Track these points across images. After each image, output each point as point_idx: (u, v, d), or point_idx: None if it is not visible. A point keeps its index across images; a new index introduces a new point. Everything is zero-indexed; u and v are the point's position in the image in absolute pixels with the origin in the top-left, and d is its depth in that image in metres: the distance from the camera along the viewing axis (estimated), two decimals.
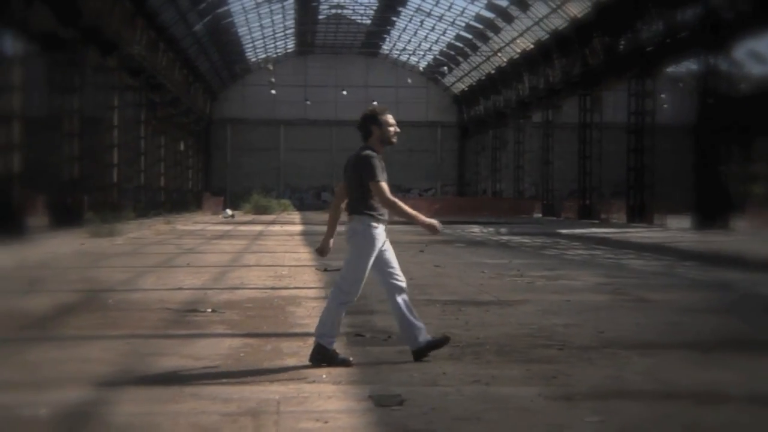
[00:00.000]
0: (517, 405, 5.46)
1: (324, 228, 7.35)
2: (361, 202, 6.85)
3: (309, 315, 9.43)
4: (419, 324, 6.94)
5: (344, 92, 73.13)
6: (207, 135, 73.22)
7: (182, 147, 58.79)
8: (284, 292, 11.59)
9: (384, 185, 6.79)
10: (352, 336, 8.14)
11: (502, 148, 65.31)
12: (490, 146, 68.28)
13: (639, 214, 41.24)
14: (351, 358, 6.83)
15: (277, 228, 34.04)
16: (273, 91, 69.87)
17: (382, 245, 6.90)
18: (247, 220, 44.81)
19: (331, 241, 7.25)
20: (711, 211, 35.11)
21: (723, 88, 36.37)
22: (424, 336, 6.93)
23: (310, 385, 6.02)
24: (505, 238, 28.96)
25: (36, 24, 32.13)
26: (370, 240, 6.82)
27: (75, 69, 32.83)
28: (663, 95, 57.13)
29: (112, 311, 9.75)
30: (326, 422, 5.04)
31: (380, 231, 6.89)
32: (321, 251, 7.19)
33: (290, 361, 6.85)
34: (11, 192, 25.42)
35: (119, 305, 10.26)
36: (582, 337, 8.14)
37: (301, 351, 7.16)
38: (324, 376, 6.29)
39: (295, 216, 51.70)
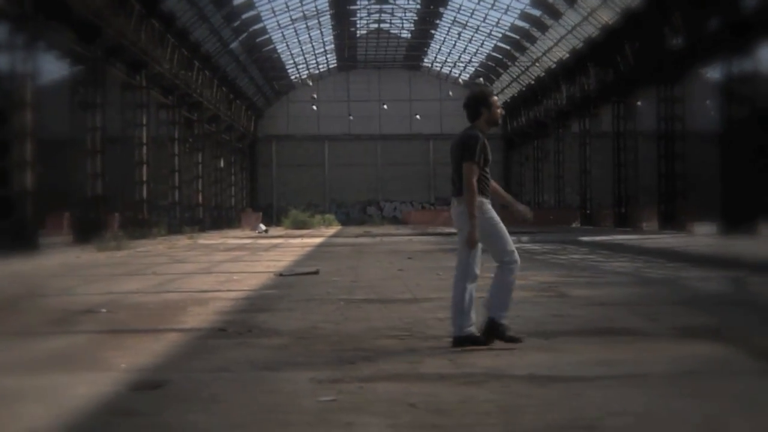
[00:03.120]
0: (276, 388, 5.40)
1: (349, 240, 7.38)
2: None
3: (199, 313, 9.46)
4: (472, 317, 6.85)
5: (385, 106, 73.33)
6: (252, 152, 73.89)
7: (222, 164, 59.36)
8: (208, 295, 11.62)
9: (475, 168, 6.75)
10: (216, 330, 8.12)
11: (545, 158, 64.88)
12: (533, 157, 67.91)
13: (670, 221, 40.66)
14: (522, 336, 6.88)
15: (297, 241, 34.14)
16: (314, 107, 70.37)
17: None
18: (279, 234, 45.02)
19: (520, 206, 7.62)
20: (737, 216, 34.55)
21: (749, 92, 35.76)
22: (472, 330, 6.83)
23: (92, 374, 6.02)
24: (517, 245, 28.67)
25: (56, 44, 32.92)
26: (488, 211, 6.84)
27: (97, 87, 33.33)
28: (708, 101, 56.28)
29: (11, 313, 9.88)
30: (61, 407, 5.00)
31: (488, 203, 6.91)
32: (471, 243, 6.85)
33: (109, 354, 6.85)
34: (25, 209, 25.94)
35: (26, 307, 10.42)
36: (444, 328, 8.01)
37: (137, 345, 7.23)
38: (123, 365, 6.28)
39: (331, 230, 51.83)
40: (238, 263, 19.62)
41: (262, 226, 48.74)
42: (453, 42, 67.31)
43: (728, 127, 35.73)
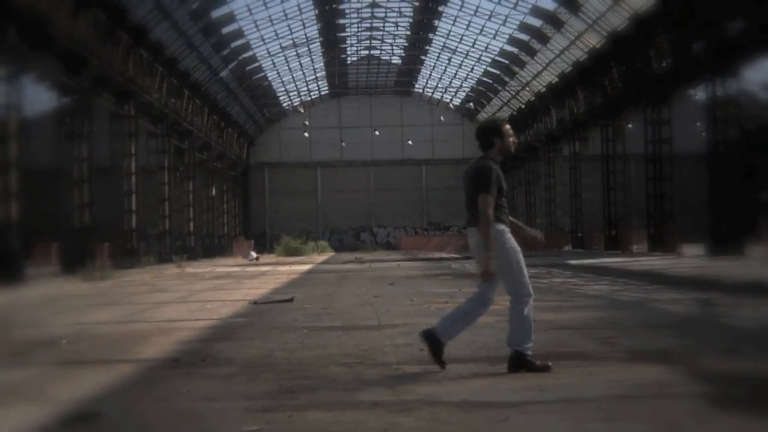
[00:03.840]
0: (206, 418, 5.42)
1: (337, 266, 7.48)
2: None
3: (159, 343, 9.47)
4: (458, 332, 7.14)
5: (376, 132, 73.52)
6: (245, 179, 73.97)
7: (213, 192, 59.42)
8: (174, 325, 11.63)
9: (490, 200, 6.78)
10: (169, 360, 8.14)
11: (536, 182, 65.00)
12: (524, 181, 68.05)
13: (659, 243, 40.70)
14: (550, 363, 6.86)
15: (285, 268, 34.13)
16: (306, 134, 70.59)
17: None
18: (270, 261, 44.98)
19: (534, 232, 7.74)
20: (724, 238, 34.64)
21: (734, 113, 35.95)
22: (447, 340, 7.03)
23: (30, 407, 6.04)
24: None
25: (43, 75, 33.08)
26: (508, 241, 6.90)
27: (85, 117, 33.42)
28: (698, 123, 56.48)
29: None
30: None
31: (509, 232, 6.96)
32: (487, 275, 6.93)
33: (56, 386, 6.87)
34: (10, 239, 25.96)
35: None
36: (397, 355, 8.06)
37: (86, 377, 7.28)
38: (65, 397, 6.29)
39: (323, 257, 51.86)
40: (217, 292, 19.62)
41: (253, 254, 48.72)
42: (443, 67, 67.61)
43: (715, 149, 35.86)
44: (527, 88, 60.87)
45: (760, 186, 53.48)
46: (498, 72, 63.10)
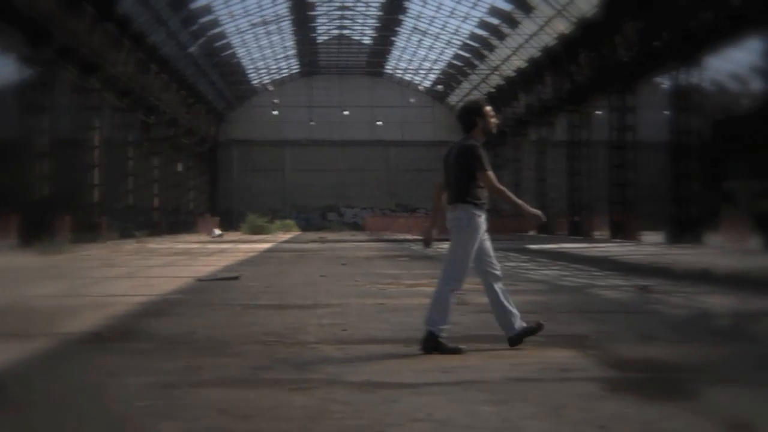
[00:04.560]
0: (103, 392, 5.44)
1: (298, 245, 7.49)
2: (466, 191, 7.05)
3: (88, 318, 9.46)
4: (515, 311, 7.20)
5: (346, 113, 73.36)
6: (213, 156, 73.65)
7: (180, 168, 59.14)
8: (111, 299, 11.62)
9: (492, 174, 7.02)
10: (91, 335, 8.13)
11: (504, 166, 65.10)
12: (492, 165, 68.10)
13: (621, 230, 40.95)
14: (462, 346, 7.00)
15: (245, 246, 34.12)
16: (275, 112, 70.34)
17: (483, 234, 7.11)
18: (234, 239, 44.90)
19: (434, 231, 7.67)
20: (684, 226, 34.94)
21: (695, 103, 36.19)
22: (520, 323, 7.20)
23: None
24: None
25: (4, 47, 32.76)
26: (475, 227, 7.04)
27: (47, 90, 33.16)
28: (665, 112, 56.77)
29: None
30: None
31: (483, 219, 7.12)
32: (426, 242, 7.55)
33: None
34: None
35: None
36: (318, 334, 8.11)
37: None
38: None
39: (287, 236, 51.81)
40: (169, 268, 19.56)
41: (217, 231, 48.60)
42: (414, 49, 67.52)
43: (677, 138, 36.09)
44: (497, 73, 60.90)
45: (724, 176, 53.90)
46: (468, 55, 63.10)
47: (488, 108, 7.28)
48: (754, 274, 17.10)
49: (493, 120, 7.26)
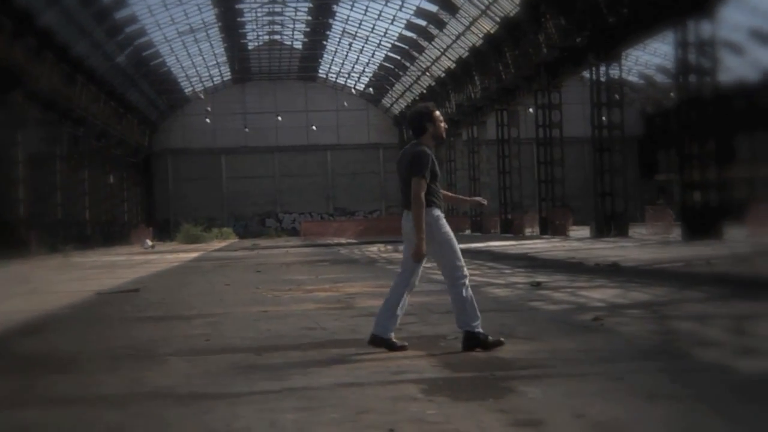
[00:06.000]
0: None
1: (226, 254, 7.34)
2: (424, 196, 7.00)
3: None
4: (397, 321, 7.26)
5: (279, 118, 73.24)
6: (147, 166, 73.09)
7: (112, 180, 58.63)
8: None
9: (423, 183, 6.92)
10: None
11: (439, 166, 65.42)
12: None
13: (550, 226, 41.29)
14: (502, 339, 7.22)
15: (172, 256, 33.95)
16: (207, 120, 70.09)
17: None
18: (166, 249, 44.60)
19: (468, 204, 8.55)
20: (609, 220, 35.34)
21: (618, 97, 36.64)
22: (393, 328, 7.19)
23: None
24: (385, 255, 28.83)
25: None
26: (443, 226, 7.08)
27: None
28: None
29: None
30: None
31: (443, 218, 7.13)
32: (418, 256, 7.05)
33: None
34: None
35: None
36: (177, 346, 8.07)
37: None
38: None
39: (222, 244, 51.58)
40: (80, 282, 19.34)
41: (149, 242, 48.22)
42: (345, 53, 67.54)
43: (599, 132, 36.47)
44: (427, 74, 61.18)
45: (655, 169, 54.50)
46: (398, 57, 63.30)
47: (438, 113, 7.32)
48: (659, 266, 17.37)
49: (443, 125, 7.30)
